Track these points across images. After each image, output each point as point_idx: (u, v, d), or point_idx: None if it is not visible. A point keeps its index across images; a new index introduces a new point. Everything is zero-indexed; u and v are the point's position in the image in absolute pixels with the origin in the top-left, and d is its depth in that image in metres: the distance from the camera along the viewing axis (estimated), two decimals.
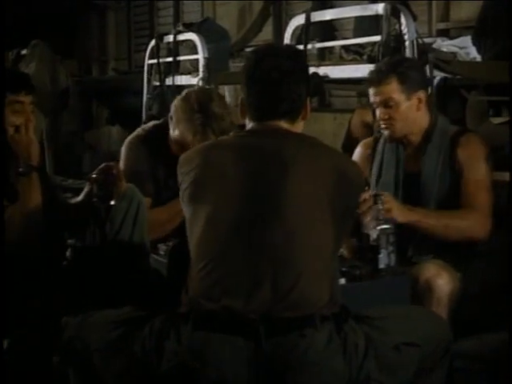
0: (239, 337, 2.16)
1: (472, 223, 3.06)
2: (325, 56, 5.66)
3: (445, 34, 6.31)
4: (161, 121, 3.49)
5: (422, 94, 3.14)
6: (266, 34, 8.01)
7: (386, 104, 3.14)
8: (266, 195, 2.27)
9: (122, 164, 3.29)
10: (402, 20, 3.87)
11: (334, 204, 2.29)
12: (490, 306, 3.15)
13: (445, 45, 4.22)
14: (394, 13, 3.87)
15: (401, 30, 3.86)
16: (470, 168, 3.11)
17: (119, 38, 11.16)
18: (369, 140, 3.42)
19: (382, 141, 3.31)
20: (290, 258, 2.22)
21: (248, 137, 2.42)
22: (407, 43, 3.83)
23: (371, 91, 3.18)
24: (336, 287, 2.33)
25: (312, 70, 4.51)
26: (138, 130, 3.45)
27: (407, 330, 2.36)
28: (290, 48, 2.89)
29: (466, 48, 4.24)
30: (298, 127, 2.42)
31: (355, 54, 4.34)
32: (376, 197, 2.99)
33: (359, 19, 5.54)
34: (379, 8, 3.96)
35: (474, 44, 5.72)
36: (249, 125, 2.43)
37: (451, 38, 6.31)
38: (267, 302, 2.18)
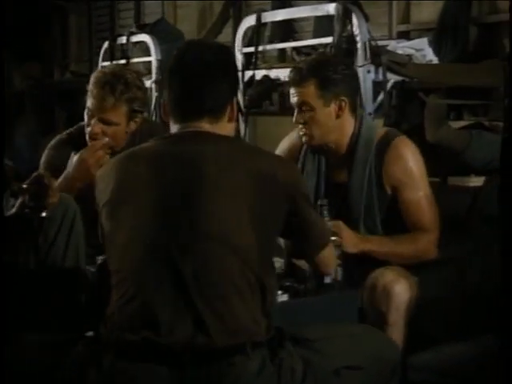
0: (163, 367, 1.97)
1: (424, 245, 2.92)
2: (285, 58, 5.51)
3: (405, 36, 6.16)
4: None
5: (343, 101, 2.92)
6: (227, 36, 7.81)
7: (302, 108, 2.92)
8: (185, 214, 2.05)
9: (40, 167, 3.12)
10: (354, 21, 3.69)
11: (261, 215, 2.09)
12: (445, 315, 3.07)
13: (400, 47, 4.05)
14: (346, 13, 3.70)
15: (353, 31, 3.69)
16: (406, 186, 2.91)
17: (81, 40, 10.95)
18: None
19: (304, 147, 3.13)
20: (213, 283, 2.02)
21: (166, 144, 2.18)
22: (359, 45, 3.66)
23: (291, 91, 2.99)
24: (270, 307, 2.13)
25: (263, 73, 4.35)
26: (62, 134, 3.25)
27: (350, 352, 2.21)
28: (216, 43, 2.68)
29: (422, 50, 4.07)
30: (224, 129, 2.19)
31: (307, 56, 4.15)
32: (321, 207, 2.83)
33: (318, 21, 5.39)
34: (330, 8, 3.78)
35: (434, 46, 5.60)
36: (172, 128, 2.21)
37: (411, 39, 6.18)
38: (191, 331, 1.99)
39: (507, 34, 4.55)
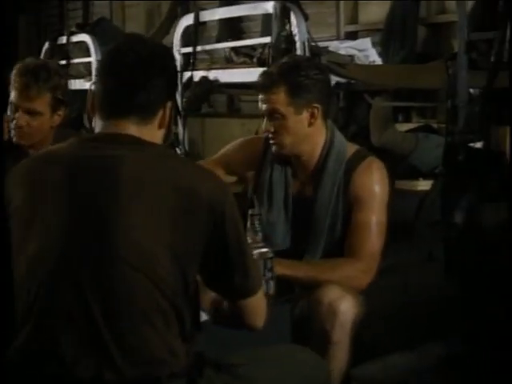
0: None
1: (350, 273, 2.69)
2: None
3: (353, 36, 6.05)
4: None
5: (316, 108, 2.70)
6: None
7: (272, 115, 2.71)
8: (95, 232, 1.81)
9: None
10: (293, 19, 3.48)
11: (181, 235, 1.82)
12: (390, 324, 2.93)
13: (343, 47, 3.85)
14: (284, 12, 3.49)
15: (291, 31, 3.48)
16: (362, 207, 2.70)
17: (30, 41, 10.66)
18: (261, 140, 2.92)
19: (269, 153, 2.92)
20: (122, 312, 1.78)
21: (84, 148, 1.91)
22: (298, 44, 3.45)
23: (259, 97, 2.77)
24: (190, 334, 1.90)
25: (202, 74, 4.13)
26: None
27: (277, 376, 2.04)
28: (157, 42, 2.45)
29: (365, 50, 3.88)
30: (152, 135, 1.91)
31: (246, 57, 3.95)
32: (252, 216, 2.61)
33: (265, 21, 5.19)
34: (268, 7, 3.57)
35: (382, 47, 5.44)
36: (96, 125, 1.95)
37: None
38: (97, 365, 1.76)
39: (455, 34, 4.38)
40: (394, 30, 5.41)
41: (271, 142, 2.77)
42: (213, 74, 4.01)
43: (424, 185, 4.49)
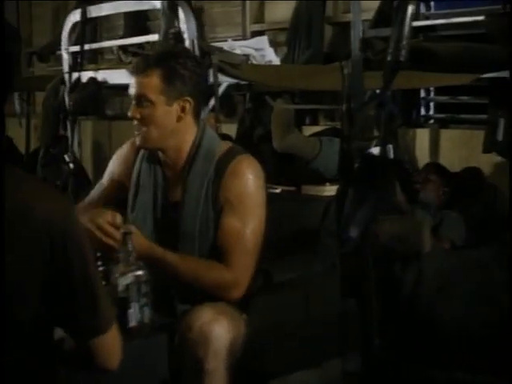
0: None
1: (221, 282, 2.41)
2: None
3: (260, 35, 5.78)
4: None
5: (188, 102, 2.43)
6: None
7: (140, 101, 2.41)
8: None
9: None
10: (181, 16, 3.16)
11: (12, 266, 1.48)
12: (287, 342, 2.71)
13: (238, 46, 3.55)
14: (172, 8, 3.17)
15: (180, 28, 3.17)
16: (231, 209, 2.42)
17: None
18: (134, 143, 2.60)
19: (140, 155, 2.60)
20: None
21: None
22: (187, 43, 3.13)
23: (131, 80, 2.46)
24: None
25: (90, 74, 3.78)
26: None
27: None
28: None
29: (262, 50, 3.58)
30: None
31: (134, 56, 3.61)
32: (126, 235, 2.30)
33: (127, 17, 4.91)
34: (156, 3, 3.25)
35: (288, 47, 5.20)
36: None
37: None
38: None
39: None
40: (299, 29, 5.19)
41: (136, 132, 2.46)
42: (101, 75, 3.67)
43: (330, 190, 4.24)
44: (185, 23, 3.14)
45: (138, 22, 6.50)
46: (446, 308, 2.57)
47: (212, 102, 3.16)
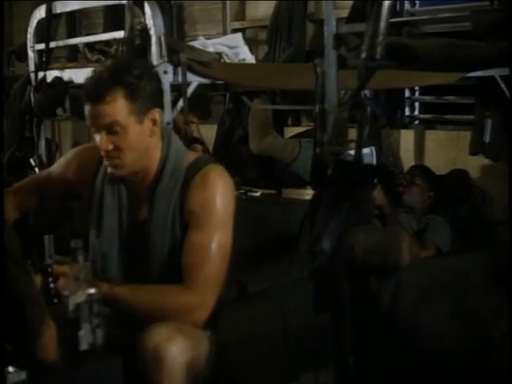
0: None
1: (182, 306, 2.22)
2: None
3: (241, 33, 5.59)
4: None
5: (157, 113, 2.22)
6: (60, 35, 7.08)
7: (110, 130, 2.18)
8: None
9: None
10: (147, 11, 2.95)
11: None
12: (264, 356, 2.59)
13: (211, 43, 3.35)
14: (138, 3, 2.97)
15: (146, 24, 2.96)
16: (197, 223, 2.23)
17: None
18: (95, 149, 2.34)
19: (101, 171, 2.38)
20: None
21: None
22: (153, 39, 2.93)
23: (87, 108, 2.21)
24: None
25: (56, 73, 3.57)
26: None
27: None
28: None
29: (236, 47, 3.37)
30: None
31: (100, 54, 3.41)
32: (75, 250, 2.13)
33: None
34: None
35: (268, 45, 5.02)
36: None
37: (247, 38, 5.56)
38: None
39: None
40: (280, 26, 4.98)
41: (107, 162, 2.24)
42: (67, 74, 3.45)
43: (311, 193, 4.05)
44: (151, 19, 2.93)
45: (117, 19, 6.28)
46: (426, 325, 2.37)
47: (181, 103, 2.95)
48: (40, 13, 3.59)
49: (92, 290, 2.09)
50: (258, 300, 3.25)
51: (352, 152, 2.56)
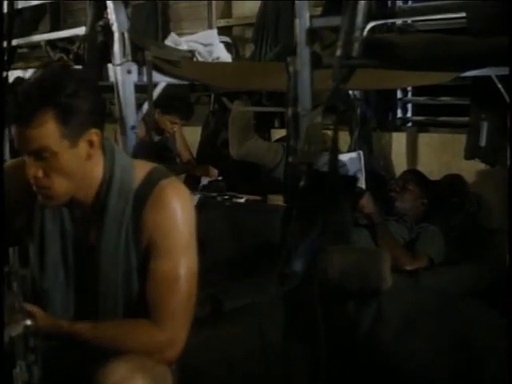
0: None
1: (149, 345, 1.94)
2: None
3: (227, 31, 5.39)
4: None
5: (95, 134, 1.92)
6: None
7: (38, 156, 1.89)
8: None
9: None
10: (109, 5, 2.70)
11: None
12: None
13: (185, 41, 3.09)
14: None
15: (108, 20, 2.70)
16: (157, 249, 1.95)
17: None
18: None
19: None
20: None
21: None
22: (116, 36, 2.67)
23: (13, 129, 1.92)
24: None
25: (18, 73, 3.32)
26: None
27: None
28: None
29: (211, 45, 3.11)
30: None
31: (62, 52, 3.15)
32: (9, 275, 1.89)
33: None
34: None
35: (255, 43, 4.79)
36: None
37: (233, 36, 5.35)
38: None
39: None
40: (267, 24, 4.73)
41: (37, 191, 1.95)
42: (30, 74, 3.19)
43: None
44: (113, 13, 2.67)
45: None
46: (409, 355, 2.12)
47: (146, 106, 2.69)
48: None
49: (28, 322, 1.82)
50: (233, 317, 3.03)
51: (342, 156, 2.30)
